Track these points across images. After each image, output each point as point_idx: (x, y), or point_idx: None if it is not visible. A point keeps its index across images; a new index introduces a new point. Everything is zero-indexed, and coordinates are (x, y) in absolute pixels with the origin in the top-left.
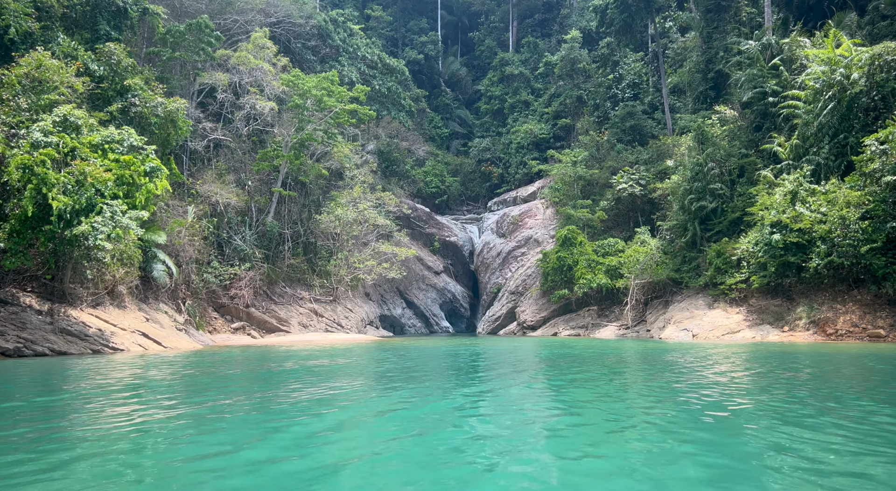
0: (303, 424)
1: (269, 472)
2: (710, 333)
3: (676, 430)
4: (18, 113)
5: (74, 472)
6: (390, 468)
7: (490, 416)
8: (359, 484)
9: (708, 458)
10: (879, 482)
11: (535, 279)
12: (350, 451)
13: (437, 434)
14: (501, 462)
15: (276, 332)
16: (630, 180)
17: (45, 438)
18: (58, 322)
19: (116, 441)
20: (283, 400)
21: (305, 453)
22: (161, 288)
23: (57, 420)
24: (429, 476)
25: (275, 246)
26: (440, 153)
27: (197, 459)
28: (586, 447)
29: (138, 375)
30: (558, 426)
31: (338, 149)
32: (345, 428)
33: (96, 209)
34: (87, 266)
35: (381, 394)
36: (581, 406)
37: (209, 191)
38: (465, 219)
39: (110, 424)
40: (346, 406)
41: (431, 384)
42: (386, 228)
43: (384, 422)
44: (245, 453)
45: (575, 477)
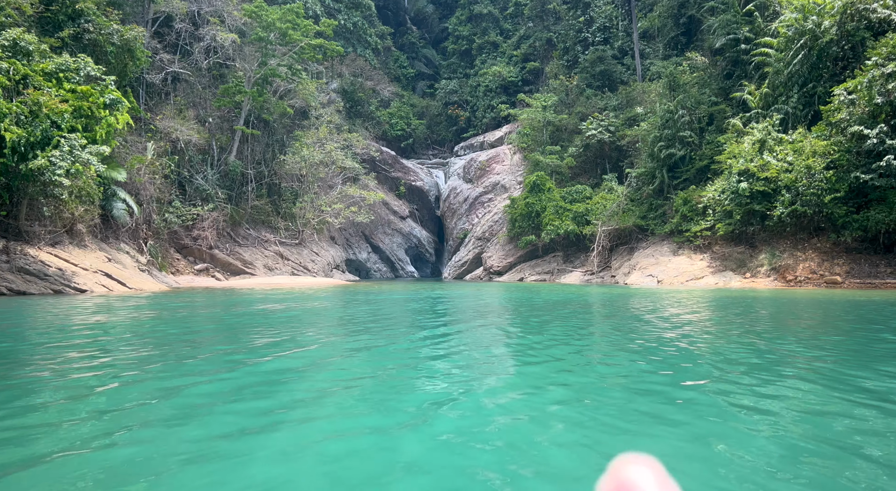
0: (269, 364)
1: (232, 408)
2: (674, 279)
3: (620, 365)
4: None
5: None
6: (354, 402)
7: (450, 355)
8: (324, 414)
9: (640, 386)
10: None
11: (502, 225)
12: (315, 388)
13: (402, 372)
14: (456, 396)
15: (240, 274)
16: (599, 127)
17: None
18: (14, 260)
19: (90, 381)
20: (250, 341)
21: (271, 391)
22: (122, 227)
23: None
24: (389, 407)
25: (238, 186)
26: (406, 94)
27: (164, 396)
28: (534, 383)
29: (108, 317)
30: (512, 366)
31: (302, 86)
32: (311, 369)
33: (53, 142)
34: (44, 203)
35: (348, 335)
36: (536, 347)
37: (169, 127)
38: (431, 163)
39: (88, 363)
40: (311, 348)
41: (397, 327)
42: (353, 171)
43: (350, 362)
44: (206, 387)
45: (517, 411)
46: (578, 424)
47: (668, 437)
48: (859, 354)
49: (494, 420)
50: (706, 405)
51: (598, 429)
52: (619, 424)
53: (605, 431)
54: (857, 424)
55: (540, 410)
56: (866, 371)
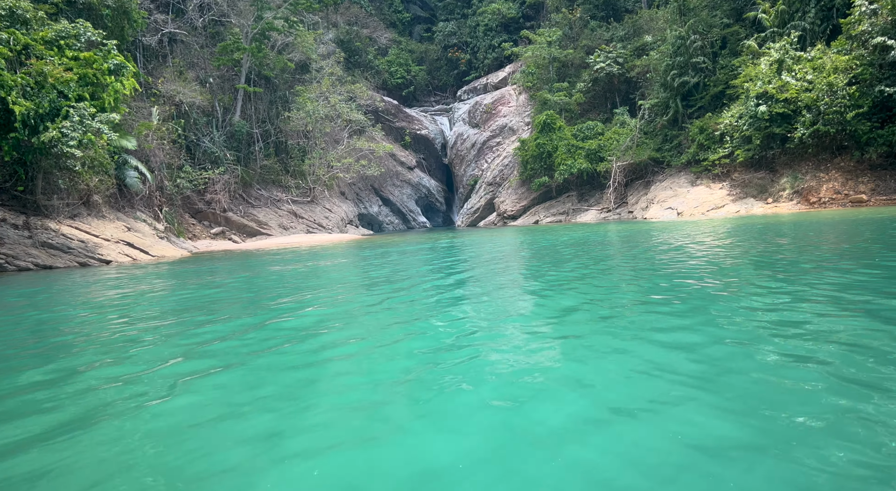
0: (302, 316)
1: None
2: (694, 210)
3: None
4: None
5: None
6: (382, 355)
7: (471, 302)
8: (349, 369)
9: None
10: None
11: (512, 169)
12: (345, 340)
13: (426, 323)
14: (479, 343)
15: (256, 235)
16: (607, 59)
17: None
18: (37, 235)
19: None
20: (281, 299)
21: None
22: (136, 195)
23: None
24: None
25: (245, 147)
26: (403, 40)
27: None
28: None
29: (144, 285)
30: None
31: (301, 39)
32: (338, 320)
33: (62, 113)
34: (58, 176)
35: (370, 289)
36: (559, 290)
37: (171, 90)
38: (434, 110)
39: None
40: (338, 302)
41: (420, 277)
42: (359, 124)
43: (374, 316)
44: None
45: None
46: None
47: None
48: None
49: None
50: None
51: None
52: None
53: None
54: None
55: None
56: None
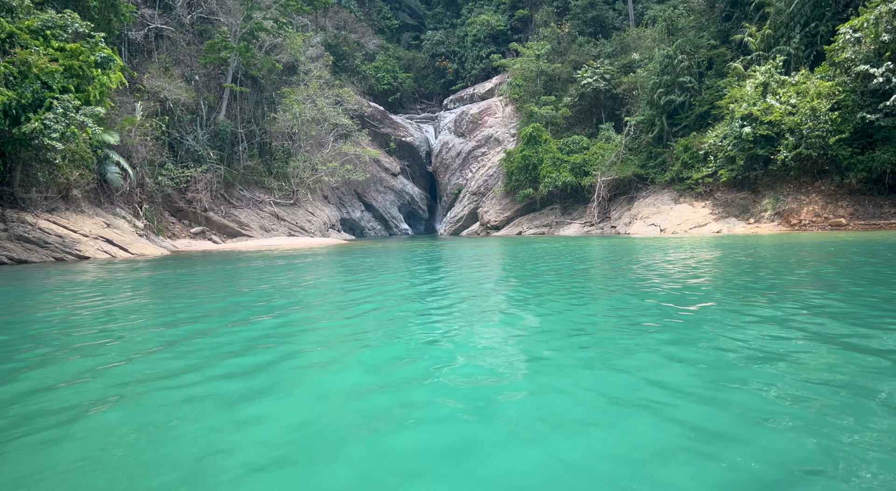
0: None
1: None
2: (677, 228)
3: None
4: None
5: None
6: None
7: (449, 307)
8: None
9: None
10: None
11: (497, 179)
12: (319, 336)
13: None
14: (456, 338)
15: (237, 236)
16: (594, 75)
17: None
18: (12, 229)
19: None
20: (251, 302)
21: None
22: (116, 191)
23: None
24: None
25: (229, 147)
26: (391, 47)
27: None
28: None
29: (120, 283)
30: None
31: (289, 40)
32: (315, 321)
33: (45, 104)
34: (37, 168)
35: (354, 289)
36: (533, 299)
37: (156, 86)
38: (419, 118)
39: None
40: (317, 302)
41: (401, 281)
42: (345, 128)
43: (354, 316)
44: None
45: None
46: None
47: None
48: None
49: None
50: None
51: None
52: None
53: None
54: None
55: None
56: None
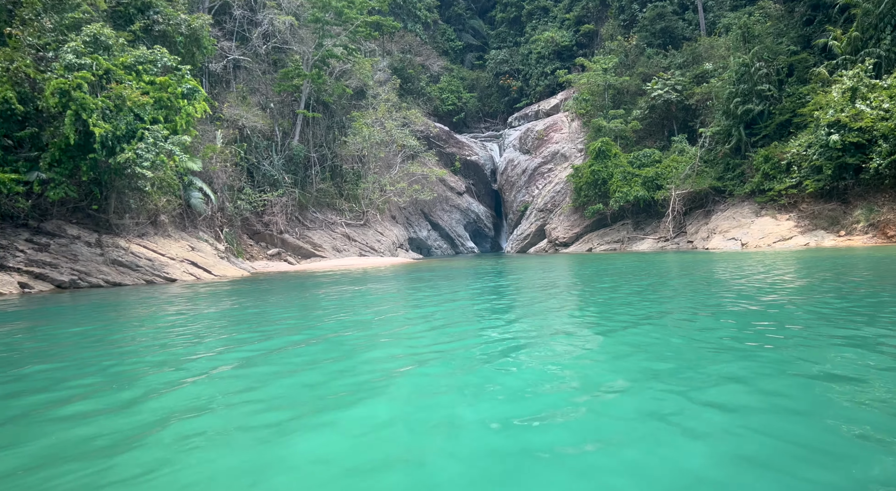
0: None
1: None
2: (760, 241)
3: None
4: (44, 34)
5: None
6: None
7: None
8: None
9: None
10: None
11: (564, 195)
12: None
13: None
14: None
15: (311, 257)
16: (665, 86)
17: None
18: (108, 253)
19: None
20: (327, 318)
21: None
22: (199, 216)
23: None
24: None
25: (303, 170)
26: (455, 68)
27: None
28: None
29: (211, 303)
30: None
31: (358, 66)
32: (391, 345)
33: (138, 135)
34: (130, 195)
35: (415, 312)
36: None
37: (234, 114)
38: (484, 137)
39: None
40: (382, 325)
41: (472, 300)
42: (412, 149)
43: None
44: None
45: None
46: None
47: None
48: None
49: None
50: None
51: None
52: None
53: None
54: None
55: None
56: None
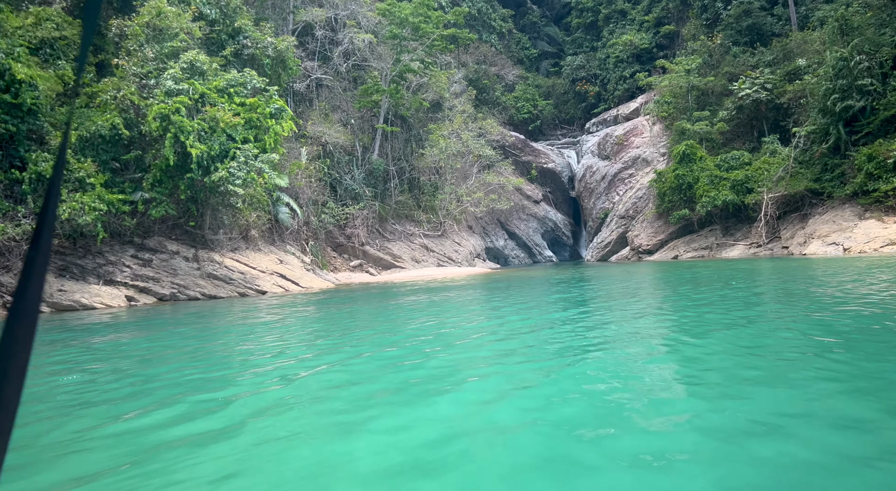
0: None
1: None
2: (865, 246)
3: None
4: (146, 63)
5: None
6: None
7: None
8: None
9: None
10: None
11: (647, 201)
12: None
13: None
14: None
15: (391, 268)
16: (754, 85)
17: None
18: (204, 267)
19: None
20: (409, 328)
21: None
22: (286, 230)
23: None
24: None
25: (382, 184)
26: (530, 76)
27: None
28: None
29: (301, 312)
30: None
31: (434, 79)
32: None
33: (230, 154)
34: (223, 212)
35: (494, 324)
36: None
37: (318, 132)
38: (560, 144)
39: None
40: (468, 334)
41: (554, 312)
42: (488, 159)
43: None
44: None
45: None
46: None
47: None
48: None
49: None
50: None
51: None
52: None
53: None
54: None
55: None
56: None
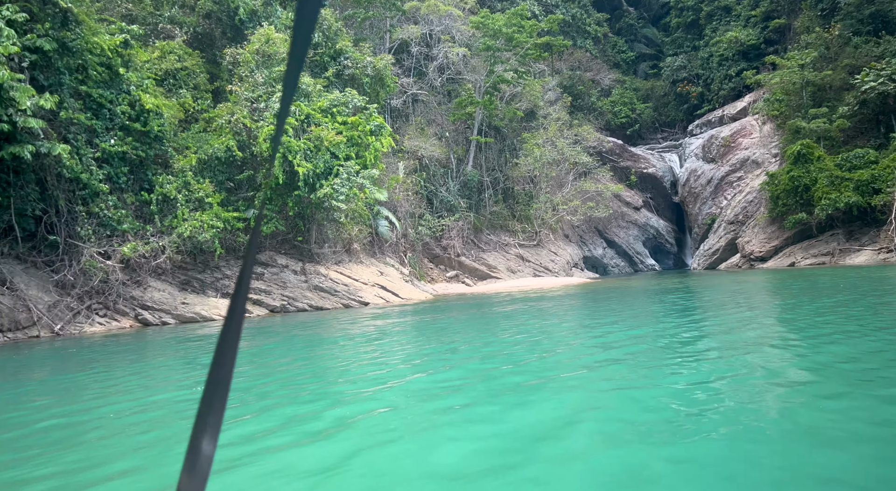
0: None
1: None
2: None
3: None
4: (256, 88)
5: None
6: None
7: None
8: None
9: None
10: None
11: (758, 205)
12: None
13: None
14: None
15: (486, 279)
16: (879, 77)
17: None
18: (310, 280)
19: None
20: (510, 340)
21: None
22: (385, 243)
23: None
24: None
25: (476, 194)
26: (627, 79)
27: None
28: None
29: (409, 321)
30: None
31: (528, 88)
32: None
33: (334, 171)
34: (327, 227)
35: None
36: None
37: (414, 146)
38: (661, 147)
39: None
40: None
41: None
42: (585, 166)
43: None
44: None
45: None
46: None
47: None
48: None
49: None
50: None
51: None
52: None
53: None
54: None
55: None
56: None
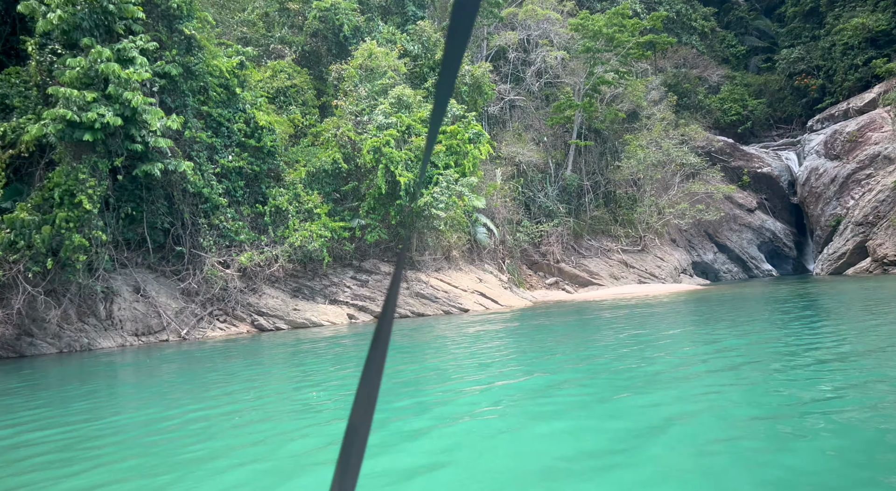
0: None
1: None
2: None
3: None
4: (360, 101)
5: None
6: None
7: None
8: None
9: None
10: None
11: (891, 204)
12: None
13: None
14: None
15: (588, 285)
16: None
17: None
18: (412, 287)
19: None
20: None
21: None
22: (483, 249)
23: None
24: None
25: (576, 199)
26: (737, 75)
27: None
28: None
29: (516, 329)
30: None
31: (630, 88)
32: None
33: (433, 180)
34: (427, 234)
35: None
36: None
37: (511, 152)
38: (776, 145)
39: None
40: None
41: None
42: (692, 167)
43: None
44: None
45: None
46: None
47: None
48: None
49: None
50: None
51: None
52: None
53: None
54: None
55: None
56: None
